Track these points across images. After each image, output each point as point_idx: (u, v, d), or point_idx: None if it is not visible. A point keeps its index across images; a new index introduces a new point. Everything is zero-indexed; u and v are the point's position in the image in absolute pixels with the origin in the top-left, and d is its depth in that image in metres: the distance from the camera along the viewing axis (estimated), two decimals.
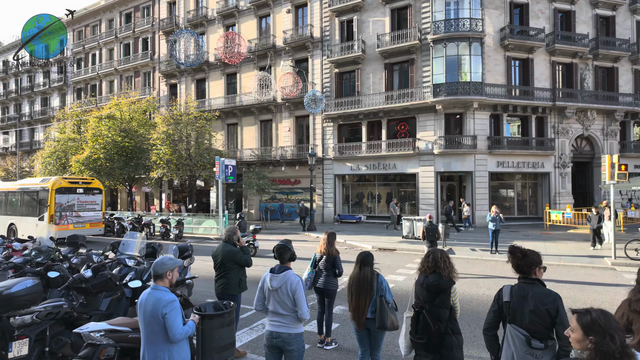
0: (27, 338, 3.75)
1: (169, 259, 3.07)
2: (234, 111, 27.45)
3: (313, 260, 5.52)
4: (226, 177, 18.27)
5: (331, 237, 5.46)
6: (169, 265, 3.04)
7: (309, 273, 5.39)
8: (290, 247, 3.70)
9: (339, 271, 5.35)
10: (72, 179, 17.62)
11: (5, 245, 8.97)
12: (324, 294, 5.38)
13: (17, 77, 43.43)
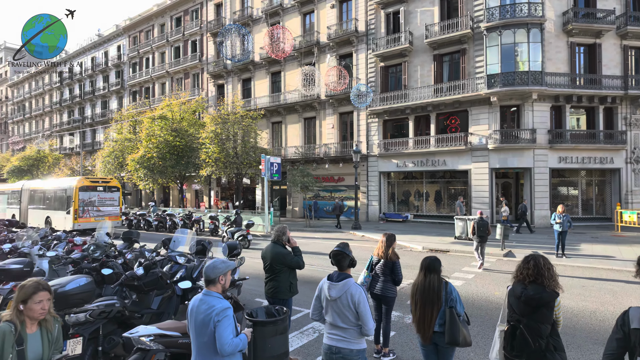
0: (80, 337, 3.72)
1: (221, 262, 2.84)
2: (279, 109, 27.60)
3: (369, 264, 5.13)
4: (271, 175, 18.32)
5: (390, 240, 5.03)
6: (222, 268, 2.81)
7: (365, 277, 5.01)
8: (349, 252, 3.35)
9: (398, 279, 4.91)
10: (93, 179, 20.31)
11: (67, 239, 9.43)
12: (382, 300, 4.99)
13: (81, 83, 46.75)
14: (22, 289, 2.63)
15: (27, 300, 2.58)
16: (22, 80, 57.15)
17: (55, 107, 49.49)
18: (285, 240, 4.72)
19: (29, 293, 2.60)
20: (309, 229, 19.84)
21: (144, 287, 5.04)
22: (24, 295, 2.59)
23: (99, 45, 44.91)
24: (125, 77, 41.15)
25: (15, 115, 58.65)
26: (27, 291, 2.60)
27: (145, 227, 21.38)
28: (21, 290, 2.62)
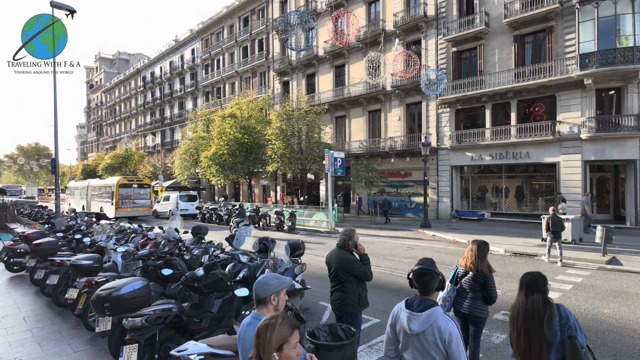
0: (136, 343, 3.56)
1: (273, 277, 2.39)
2: (342, 103, 27.09)
3: (454, 276, 4.31)
4: (335, 170, 17.90)
5: (483, 249, 4.14)
6: (273, 286, 2.35)
7: (449, 292, 4.20)
8: (436, 269, 2.62)
9: (491, 297, 4.04)
10: (129, 178, 25.90)
11: (142, 233, 9.87)
12: (470, 321, 4.17)
13: (161, 86, 50.59)
14: (272, 330, 1.84)
15: (283, 345, 1.84)
16: (113, 86, 63.48)
17: (140, 109, 54.19)
18: (352, 245, 4.11)
19: (286, 336, 1.86)
20: (374, 226, 19.11)
21: (204, 288, 4.85)
22: (281, 340, 1.84)
23: (175, 50, 48.11)
24: (198, 79, 43.58)
25: (108, 118, 65.45)
26: (283, 334, 1.85)
27: (217, 220, 22.30)
28: (272, 331, 1.84)
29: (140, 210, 24.94)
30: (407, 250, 12.66)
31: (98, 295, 3.49)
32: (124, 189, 24.47)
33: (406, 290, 7.82)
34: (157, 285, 5.32)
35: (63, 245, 8.84)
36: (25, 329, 5.73)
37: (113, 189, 24.49)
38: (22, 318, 6.25)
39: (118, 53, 72.63)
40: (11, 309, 6.73)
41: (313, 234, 17.50)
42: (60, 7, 13.92)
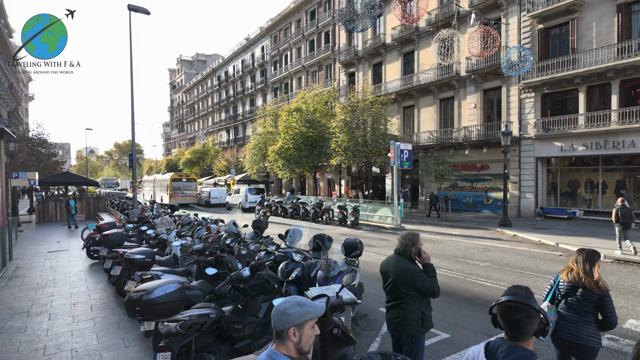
0: (170, 351, 3.28)
1: (296, 303, 1.78)
2: (411, 92, 25.63)
3: (552, 291, 3.34)
4: (401, 163, 16.87)
5: (592, 258, 3.19)
6: (294, 316, 1.74)
7: (549, 315, 3.22)
8: (535, 303, 1.78)
9: (610, 320, 3.04)
10: (179, 174, 33.65)
11: (205, 226, 10.01)
12: (577, 352, 3.17)
13: (234, 84, 52.91)
14: None
15: None
16: (192, 86, 68.01)
17: (215, 107, 57.32)
18: (414, 252, 3.39)
19: None
20: (443, 224, 17.74)
21: (249, 290, 4.49)
22: None
23: (246, 49, 49.85)
24: (268, 75, 44.67)
25: (188, 116, 70.43)
26: None
27: (282, 214, 22.53)
28: None
29: (188, 199, 31.21)
30: (483, 252, 11.36)
31: (130, 297, 3.27)
32: (175, 182, 31.23)
33: (482, 300, 6.81)
34: (206, 283, 5.12)
35: (132, 237, 9.28)
36: (89, 318, 5.93)
37: (168, 182, 31.34)
38: (89, 306, 6.54)
39: (196, 55, 77.63)
40: (83, 296, 7.11)
41: (377, 230, 16.72)
42: (137, 10, 14.83)
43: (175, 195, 30.61)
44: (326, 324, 3.16)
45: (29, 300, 6.85)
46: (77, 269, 9.46)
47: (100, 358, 4.56)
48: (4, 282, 8.13)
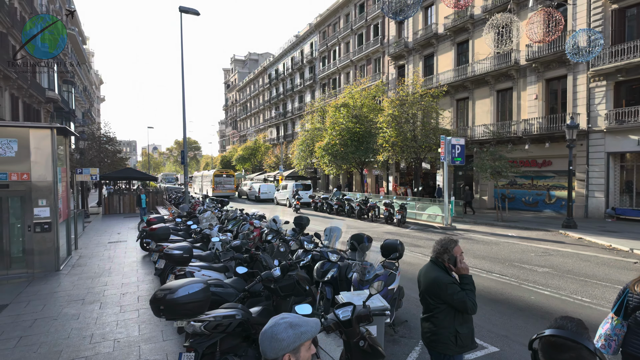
0: (194, 352, 3.23)
1: (287, 325, 1.53)
2: (465, 84, 24.27)
3: (620, 303, 2.84)
4: (453, 159, 16.00)
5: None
6: (287, 342, 1.49)
7: (615, 327, 2.75)
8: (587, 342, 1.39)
9: None
10: (220, 170, 38.41)
11: (249, 221, 10.14)
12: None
13: (284, 82, 53.72)
14: None
15: None
16: (245, 85, 70.15)
17: (266, 104, 58.64)
18: (448, 261, 3.04)
19: None
20: (500, 224, 16.60)
21: (280, 291, 4.38)
22: None
23: (296, 46, 50.32)
24: (316, 72, 44.77)
25: (241, 114, 72.84)
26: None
27: (328, 210, 22.46)
28: None
29: (228, 192, 36.12)
30: (542, 256, 10.40)
31: (155, 295, 3.27)
32: (217, 177, 36.42)
33: (538, 311, 6.17)
34: (239, 281, 5.09)
35: (180, 230, 9.63)
36: (135, 309, 6.19)
37: (211, 177, 36.69)
38: (137, 297, 6.84)
39: (249, 54, 79.87)
40: (132, 287, 7.48)
41: (425, 229, 16.03)
42: (187, 11, 15.39)
43: (217, 189, 35.77)
44: (352, 335, 2.93)
45: (85, 289, 7.33)
46: (130, 259, 10.03)
47: (138, 350, 4.70)
48: (67, 270, 8.81)
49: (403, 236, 13.77)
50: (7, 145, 7.98)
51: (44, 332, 5.24)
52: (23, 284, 7.62)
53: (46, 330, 5.28)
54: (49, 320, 5.65)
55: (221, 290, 4.75)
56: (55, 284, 7.67)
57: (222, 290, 4.75)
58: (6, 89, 22.72)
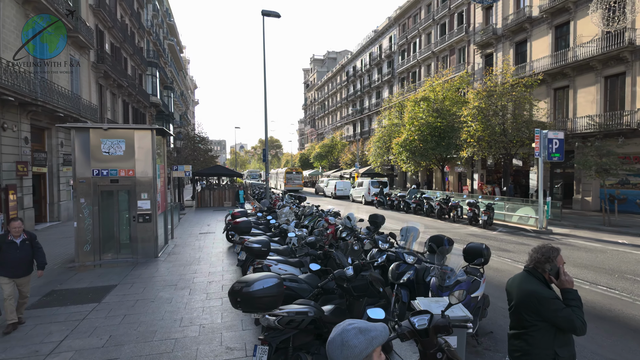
0: (268, 345, 3.30)
1: (356, 331, 1.43)
2: (564, 71, 21.59)
3: None
4: (549, 155, 14.35)
5: None
6: (360, 348, 1.38)
7: None
8: None
9: None
10: (290, 168, 44.41)
11: (324, 217, 10.25)
12: None
13: (361, 78, 53.41)
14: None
15: None
16: (323, 83, 71.32)
17: (343, 102, 58.92)
18: (549, 272, 2.63)
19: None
20: (607, 229, 14.48)
21: (353, 291, 4.30)
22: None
23: (374, 41, 49.64)
24: (395, 66, 43.69)
25: (319, 113, 74.30)
26: None
27: (405, 209, 21.77)
28: None
29: (297, 186, 41.53)
30: None
31: (233, 287, 3.41)
32: (288, 174, 42.42)
33: None
34: (313, 277, 5.13)
35: (261, 224, 10.09)
36: (219, 297, 6.62)
37: (283, 174, 43.34)
38: (221, 285, 7.32)
39: (327, 53, 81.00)
40: (218, 276, 8.03)
41: (515, 232, 14.63)
42: (269, 14, 16.04)
43: (288, 183, 41.49)
44: (428, 346, 2.73)
45: (178, 275, 8.07)
46: (217, 250, 10.80)
47: (220, 337, 5.00)
48: (164, 257, 9.79)
49: (489, 239, 12.75)
50: (117, 145, 9.11)
51: (143, 312, 5.87)
52: (129, 268, 8.65)
53: (145, 311, 5.90)
54: (147, 302, 6.32)
55: (296, 285, 4.83)
56: (154, 269, 8.57)
57: (296, 285, 4.83)
58: (119, 96, 26.10)
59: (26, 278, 5.50)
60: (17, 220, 5.41)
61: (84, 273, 8.26)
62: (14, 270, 5.31)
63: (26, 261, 5.42)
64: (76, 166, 8.82)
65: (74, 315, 5.76)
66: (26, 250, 5.40)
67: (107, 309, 6.02)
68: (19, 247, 5.34)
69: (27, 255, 5.41)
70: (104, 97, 23.16)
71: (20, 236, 5.39)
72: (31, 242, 5.50)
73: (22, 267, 5.38)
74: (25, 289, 5.50)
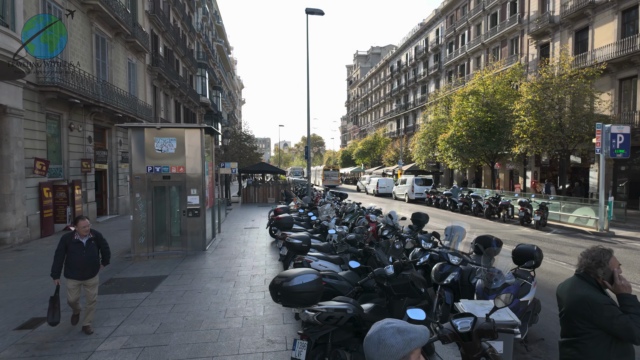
0: (307, 340, 3.34)
1: (394, 331, 1.43)
2: (632, 59, 19.70)
3: None
4: (612, 151, 13.21)
5: None
6: (397, 347, 1.36)
7: None
8: None
9: None
10: (328, 165, 50.06)
11: (365, 215, 10.16)
12: None
13: (406, 73, 52.20)
14: None
15: None
16: (366, 80, 70.61)
17: (387, 97, 57.97)
18: (602, 276, 2.44)
19: None
20: None
21: (393, 290, 4.23)
22: None
23: (420, 34, 48.29)
24: (442, 59, 42.24)
25: (362, 109, 73.70)
26: None
27: (451, 207, 21.06)
28: None
29: (334, 182, 44.50)
30: None
31: (273, 281, 3.49)
32: (326, 171, 45.79)
33: None
34: (353, 274, 5.11)
35: (303, 221, 10.22)
36: (261, 290, 6.81)
37: (321, 171, 46.61)
38: (264, 279, 7.52)
39: (371, 48, 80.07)
40: (261, 270, 8.26)
41: (572, 234, 13.65)
42: (313, 12, 16.13)
43: (326, 180, 44.42)
44: (471, 350, 2.63)
45: (224, 268, 8.39)
46: (261, 244, 11.10)
47: (262, 329, 5.15)
48: (211, 250, 10.23)
49: (543, 241, 12.01)
50: (169, 143, 9.61)
51: (190, 302, 6.17)
52: (179, 260, 9.14)
53: (192, 301, 6.21)
54: (195, 293, 6.64)
55: (335, 282, 4.84)
56: (202, 261, 8.98)
57: (336, 282, 4.84)
58: (172, 97, 27.54)
59: (94, 279, 5.22)
60: (85, 219, 5.16)
61: (138, 263, 8.84)
62: (81, 272, 5.05)
63: (93, 261, 5.15)
64: (132, 163, 9.43)
65: (129, 302, 6.18)
66: (93, 250, 5.16)
67: (159, 297, 6.41)
68: (86, 247, 5.09)
69: (94, 255, 5.17)
70: (157, 97, 24.55)
71: (87, 235, 5.15)
72: (97, 241, 5.28)
73: (89, 267, 5.11)
74: (92, 291, 5.19)
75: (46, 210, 12.52)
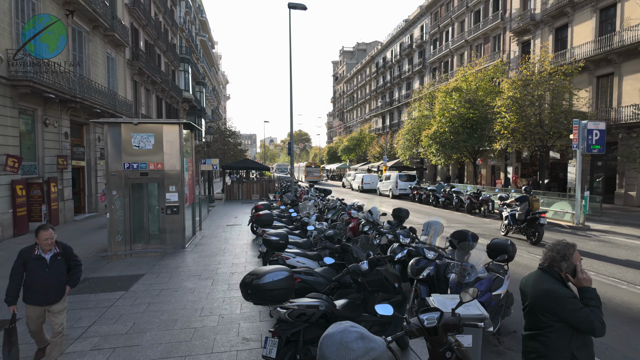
0: (278, 338, 3.31)
1: (358, 336, 1.36)
2: (609, 57, 20.19)
3: None
4: (589, 146, 13.54)
5: None
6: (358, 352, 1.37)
7: None
8: None
9: None
10: (310, 162, 54.01)
11: (346, 211, 10.17)
12: None
13: (391, 69, 52.39)
14: None
15: None
16: (352, 76, 70.62)
17: (372, 94, 58.13)
18: (566, 270, 2.49)
19: None
20: None
21: (367, 285, 4.23)
22: None
23: (405, 31, 48.49)
24: (426, 56, 42.55)
25: (347, 105, 73.75)
26: None
27: (434, 202, 21.30)
28: None
29: (315, 178, 47.53)
30: None
31: (244, 279, 3.44)
32: (308, 167, 48.87)
33: None
34: (330, 271, 5.10)
35: (284, 217, 10.16)
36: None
37: (304, 167, 49.73)
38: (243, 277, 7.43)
39: (357, 44, 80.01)
40: (240, 267, 8.18)
41: (549, 227, 13.91)
42: (296, 7, 15.98)
43: (308, 175, 47.46)
44: (437, 345, 2.64)
45: (202, 266, 8.28)
46: (242, 241, 11.00)
47: (238, 327, 5.09)
48: (191, 248, 10.09)
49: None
50: (147, 139, 9.41)
51: (166, 301, 6.07)
52: (157, 258, 8.98)
53: (168, 300, 6.11)
54: (171, 292, 6.53)
55: (312, 278, 4.81)
56: (180, 259, 8.85)
57: (312, 279, 4.82)
58: (153, 92, 27.00)
59: (60, 305, 4.09)
60: (48, 229, 3.97)
61: (115, 262, 8.66)
62: (43, 296, 3.95)
63: (58, 282, 4.02)
64: (109, 160, 9.20)
65: (102, 302, 6.04)
66: (59, 268, 4.03)
67: (134, 297, 6.28)
68: (50, 264, 3.97)
69: (60, 274, 4.03)
70: (138, 93, 24.04)
71: (52, 250, 4.01)
72: (66, 257, 4.13)
73: (53, 290, 3.99)
74: (58, 319, 4.06)
75: (19, 208, 12.14)
